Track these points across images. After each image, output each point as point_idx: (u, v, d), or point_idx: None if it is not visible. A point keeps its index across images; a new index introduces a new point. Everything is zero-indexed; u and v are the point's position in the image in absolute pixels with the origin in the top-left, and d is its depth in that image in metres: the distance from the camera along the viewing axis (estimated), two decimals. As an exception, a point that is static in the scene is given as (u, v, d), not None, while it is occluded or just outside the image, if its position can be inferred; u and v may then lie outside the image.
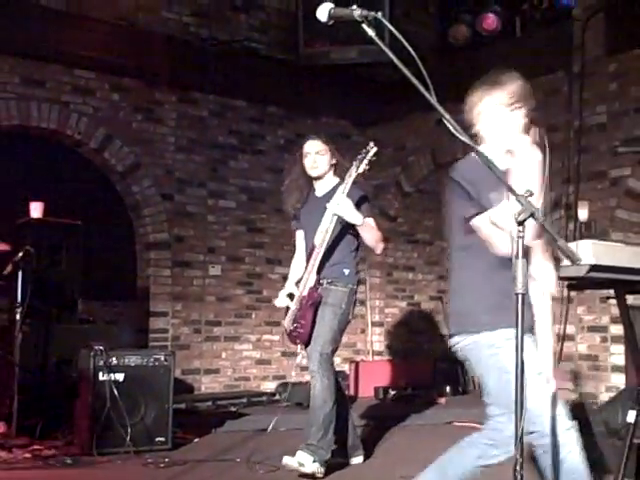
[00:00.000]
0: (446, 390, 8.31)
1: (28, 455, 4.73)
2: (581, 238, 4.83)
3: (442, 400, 7.83)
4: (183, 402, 6.71)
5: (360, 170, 4.37)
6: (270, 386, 8.14)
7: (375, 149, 4.40)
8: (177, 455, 4.83)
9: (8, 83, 6.88)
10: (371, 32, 2.30)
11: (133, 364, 5.02)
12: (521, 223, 2.35)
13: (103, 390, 4.84)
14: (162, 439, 5.00)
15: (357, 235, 4.53)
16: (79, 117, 7.23)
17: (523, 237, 2.35)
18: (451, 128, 2.46)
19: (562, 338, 6.81)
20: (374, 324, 9.17)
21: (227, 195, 8.16)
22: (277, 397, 7.62)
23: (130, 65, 7.35)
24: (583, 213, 6.10)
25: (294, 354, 4.85)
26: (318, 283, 4.43)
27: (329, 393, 4.41)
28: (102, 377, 4.88)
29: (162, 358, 5.14)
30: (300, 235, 4.79)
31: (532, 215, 2.33)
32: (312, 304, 4.42)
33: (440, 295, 9.61)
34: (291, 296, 4.54)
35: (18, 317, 5.28)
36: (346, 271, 4.53)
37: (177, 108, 7.89)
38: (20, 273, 5.34)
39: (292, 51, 8.17)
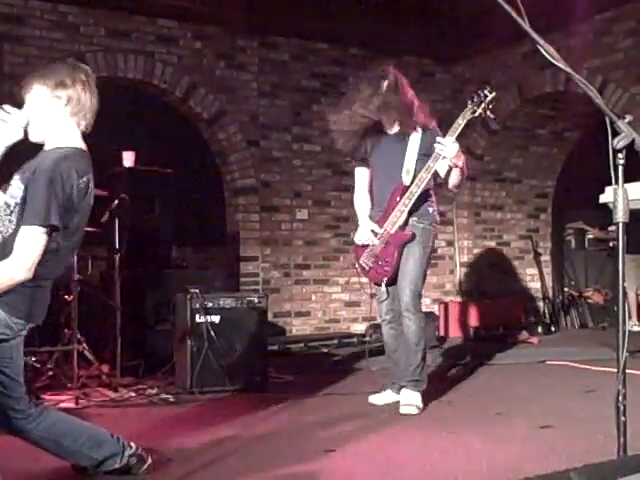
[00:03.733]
0: (538, 330, 8.23)
1: (133, 394, 4.94)
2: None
3: (534, 339, 7.75)
4: (276, 344, 6.87)
5: (476, 114, 4.23)
6: (360, 328, 8.22)
7: (494, 94, 4.22)
8: (274, 393, 4.95)
9: (94, 36, 7.01)
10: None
11: (228, 306, 5.13)
12: (621, 150, 2.29)
13: (200, 331, 4.98)
14: (258, 378, 5.13)
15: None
16: (164, 67, 7.33)
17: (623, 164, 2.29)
18: (546, 54, 2.37)
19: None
20: (463, 265, 9.10)
21: (312, 139, 8.16)
22: (367, 338, 7.70)
23: (210, 12, 7.36)
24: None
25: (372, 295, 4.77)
26: (406, 223, 4.41)
27: (422, 331, 4.43)
28: (199, 319, 5.01)
29: (255, 300, 5.25)
30: (362, 172, 4.70)
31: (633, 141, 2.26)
32: (402, 243, 4.39)
33: (529, 234, 9.45)
34: (372, 232, 4.47)
35: (116, 263, 5.45)
36: (430, 209, 4.48)
37: (259, 53, 7.90)
38: (116, 221, 5.49)
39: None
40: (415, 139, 4.43)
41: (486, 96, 4.21)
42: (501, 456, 3.36)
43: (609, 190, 3.87)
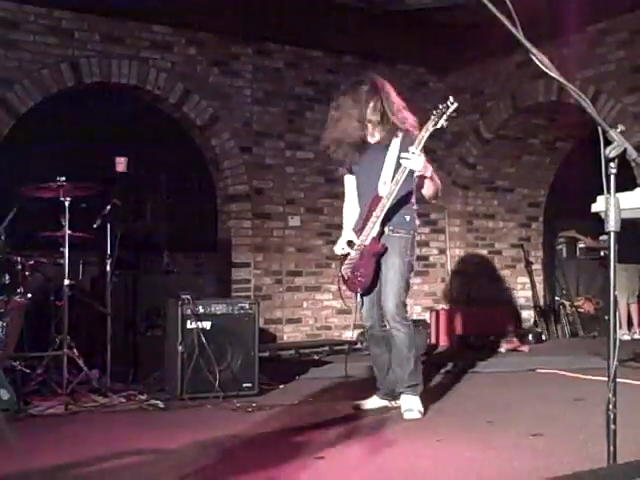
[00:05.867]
0: (528, 338, 8.24)
1: (123, 400, 4.91)
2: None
3: (524, 348, 7.77)
4: (267, 351, 6.86)
5: (438, 125, 4.23)
6: (351, 335, 8.21)
7: (455, 105, 4.22)
8: (264, 400, 4.94)
9: (89, 41, 7.01)
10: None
11: (219, 312, 5.13)
12: (613, 159, 2.30)
13: (191, 337, 4.97)
14: (249, 385, 5.11)
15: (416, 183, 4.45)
16: (158, 73, 7.34)
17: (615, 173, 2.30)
18: (539, 64, 2.38)
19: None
20: (454, 273, 9.11)
21: (305, 146, 8.18)
22: (358, 345, 7.70)
23: (205, 19, 7.37)
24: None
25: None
26: (381, 233, 4.41)
27: (412, 338, 4.44)
28: (190, 325, 5.00)
29: (247, 306, 5.24)
30: (350, 180, 4.70)
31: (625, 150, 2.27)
32: (375, 254, 4.40)
33: (521, 243, 9.47)
34: (350, 243, 4.48)
35: (108, 269, 5.43)
36: (407, 217, 4.47)
37: (253, 60, 7.91)
38: (108, 226, 5.48)
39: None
40: (394, 147, 4.43)
41: (448, 107, 4.22)
42: (491, 464, 3.36)
43: (601, 199, 3.88)
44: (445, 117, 4.22)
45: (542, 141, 9.17)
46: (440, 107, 4.25)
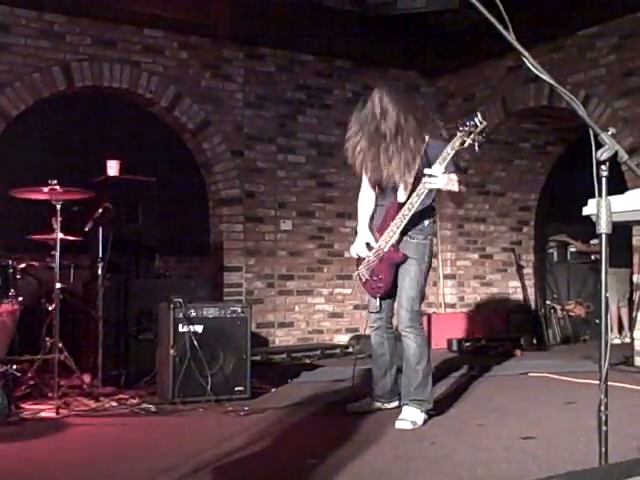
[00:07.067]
0: (520, 342, 8.26)
1: (114, 404, 4.90)
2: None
3: (517, 352, 7.78)
4: (259, 354, 6.86)
5: (465, 145, 4.10)
6: (343, 339, 8.23)
7: (485, 124, 4.09)
8: (256, 404, 4.93)
9: (80, 45, 7.00)
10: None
11: (211, 316, 5.12)
12: (604, 162, 2.31)
13: (183, 341, 4.96)
14: (241, 388, 5.10)
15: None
16: (149, 76, 7.33)
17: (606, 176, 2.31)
18: (531, 67, 2.40)
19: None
20: (446, 277, 9.13)
21: (296, 150, 8.19)
22: (350, 349, 7.72)
23: (196, 22, 7.37)
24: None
25: (365, 307, 4.82)
26: (400, 240, 4.34)
27: (424, 349, 4.39)
28: (182, 329, 4.99)
29: (239, 310, 5.23)
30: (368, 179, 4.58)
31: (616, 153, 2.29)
32: (394, 263, 4.36)
33: (512, 247, 9.50)
34: (367, 245, 4.45)
35: (99, 272, 5.42)
36: (426, 222, 4.43)
37: (244, 64, 7.91)
38: (100, 229, 5.47)
39: (358, 2, 8.06)
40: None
41: (476, 126, 4.09)
42: (483, 466, 3.37)
43: (592, 202, 3.90)
44: (472, 137, 4.09)
45: (533, 145, 9.20)
46: (467, 124, 4.10)
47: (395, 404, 4.66)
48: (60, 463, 3.56)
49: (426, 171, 4.14)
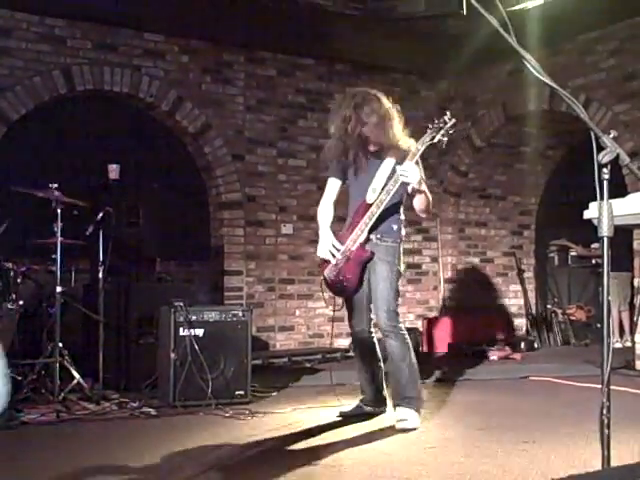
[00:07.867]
0: (520, 346, 8.25)
1: (115, 407, 4.90)
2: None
3: (517, 356, 7.78)
4: (259, 358, 6.85)
5: (435, 140, 4.22)
6: (344, 342, 8.20)
7: (453, 121, 4.22)
8: (256, 408, 4.92)
9: (81, 49, 7.00)
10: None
11: (212, 320, 5.12)
12: (606, 165, 2.31)
13: (184, 345, 4.96)
14: (241, 392, 5.10)
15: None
16: (150, 80, 7.33)
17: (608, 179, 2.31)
18: (532, 70, 2.40)
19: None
20: (446, 281, 9.12)
21: (297, 154, 8.19)
22: (351, 353, 7.69)
23: (197, 26, 7.37)
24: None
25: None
26: (367, 240, 4.41)
27: (406, 346, 4.42)
28: (182, 332, 5.00)
29: (240, 314, 5.24)
30: (334, 184, 4.65)
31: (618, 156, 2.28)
32: (362, 261, 4.40)
33: (513, 251, 9.49)
34: (333, 246, 4.46)
35: (100, 276, 5.42)
36: (394, 227, 4.46)
37: (245, 68, 7.92)
38: (101, 233, 5.46)
39: (359, 6, 8.06)
40: (391, 159, 4.41)
41: (445, 123, 4.22)
42: (483, 471, 3.36)
43: (593, 206, 3.90)
44: (442, 132, 4.22)
45: (533, 149, 9.20)
46: (437, 122, 4.24)
47: (385, 408, 4.69)
48: (60, 467, 3.55)
49: (398, 168, 4.22)
